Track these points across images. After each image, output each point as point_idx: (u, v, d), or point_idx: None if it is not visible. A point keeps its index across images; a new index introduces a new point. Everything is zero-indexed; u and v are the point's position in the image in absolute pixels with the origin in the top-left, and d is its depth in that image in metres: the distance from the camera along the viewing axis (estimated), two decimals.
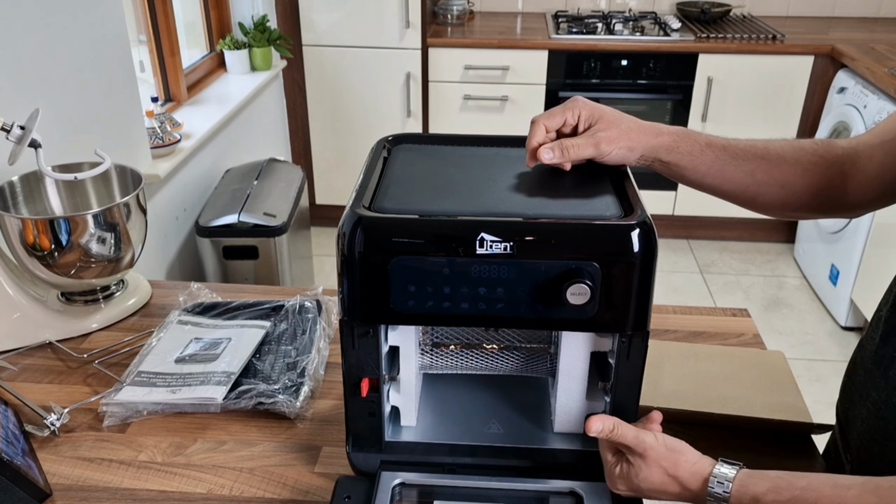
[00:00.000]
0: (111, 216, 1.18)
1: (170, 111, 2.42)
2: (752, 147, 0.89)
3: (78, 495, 0.90)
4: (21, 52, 1.53)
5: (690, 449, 0.75)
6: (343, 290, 0.75)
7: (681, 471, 0.73)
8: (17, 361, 1.14)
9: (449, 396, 0.95)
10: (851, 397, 0.85)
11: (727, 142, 0.90)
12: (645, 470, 0.75)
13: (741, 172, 0.89)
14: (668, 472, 0.74)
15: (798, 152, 0.89)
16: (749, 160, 0.89)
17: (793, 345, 2.76)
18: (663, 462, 0.74)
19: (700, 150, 0.88)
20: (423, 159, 0.89)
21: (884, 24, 3.44)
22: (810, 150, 0.89)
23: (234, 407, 1.02)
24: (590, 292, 0.71)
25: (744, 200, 0.93)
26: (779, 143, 0.90)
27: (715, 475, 0.71)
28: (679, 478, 0.73)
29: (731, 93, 3.12)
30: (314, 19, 3.14)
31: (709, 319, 1.22)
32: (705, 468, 0.72)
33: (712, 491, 0.70)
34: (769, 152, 0.89)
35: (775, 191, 0.90)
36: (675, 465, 0.74)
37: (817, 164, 0.88)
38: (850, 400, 0.86)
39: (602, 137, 0.84)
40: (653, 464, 0.74)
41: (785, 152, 0.89)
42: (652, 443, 0.75)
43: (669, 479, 0.74)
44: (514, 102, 3.22)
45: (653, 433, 0.76)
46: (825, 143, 0.89)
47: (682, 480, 0.73)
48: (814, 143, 0.89)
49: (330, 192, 3.48)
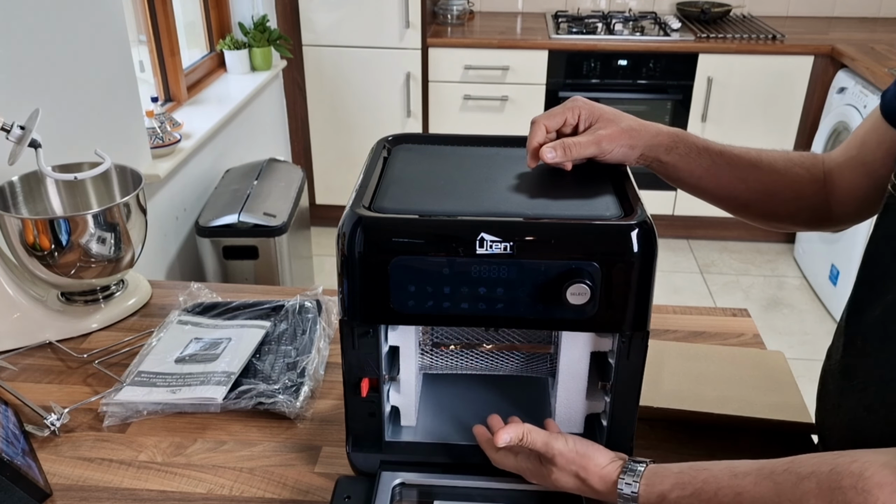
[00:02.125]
0: (111, 216, 1.18)
1: (170, 111, 2.42)
2: (745, 154, 0.91)
3: (78, 495, 0.90)
4: (21, 52, 1.53)
5: (602, 451, 0.77)
6: (343, 290, 0.75)
7: (590, 475, 0.75)
8: (17, 361, 1.14)
9: (449, 396, 0.95)
10: (826, 406, 0.86)
11: (722, 147, 0.91)
12: (556, 473, 0.77)
13: (734, 178, 0.90)
14: (579, 476, 0.76)
15: (787, 164, 0.91)
16: (742, 167, 0.90)
17: (793, 345, 2.76)
18: (572, 466, 0.76)
19: (697, 152, 0.89)
20: (423, 159, 0.89)
21: (884, 24, 3.44)
22: (798, 163, 0.91)
23: (234, 407, 1.02)
24: (590, 292, 0.71)
25: (735, 207, 0.94)
26: (771, 152, 0.91)
27: (622, 477, 0.73)
28: (588, 481, 0.75)
29: (730, 93, 3.12)
30: (314, 19, 3.14)
31: (709, 319, 1.22)
32: (613, 472, 0.74)
33: (622, 492, 0.72)
34: (761, 161, 0.90)
35: (765, 199, 0.91)
36: (584, 469, 0.75)
37: (803, 178, 0.90)
38: (825, 409, 0.86)
39: (603, 136, 0.84)
40: (563, 469, 0.76)
41: (776, 162, 0.90)
42: (561, 448, 0.76)
43: (580, 481, 0.76)
44: (514, 102, 3.22)
45: (563, 437, 0.78)
46: (811, 158, 0.91)
47: (591, 484, 0.75)
48: (801, 157, 0.91)
49: (330, 192, 3.48)
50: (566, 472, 0.76)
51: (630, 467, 0.73)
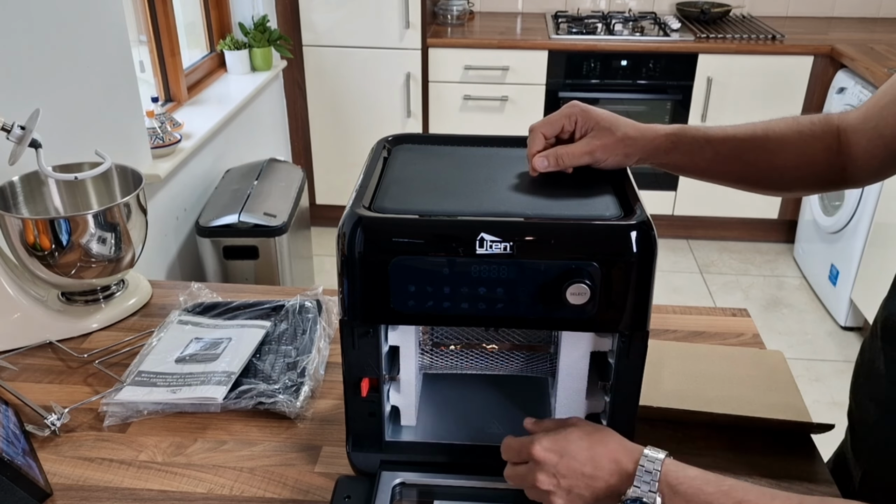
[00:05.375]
0: (111, 216, 1.18)
1: (170, 111, 2.42)
2: (751, 136, 0.89)
3: (78, 495, 0.90)
4: (22, 52, 1.53)
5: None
6: (343, 290, 0.75)
7: (612, 443, 0.71)
8: (17, 361, 1.14)
9: (449, 396, 0.95)
10: (859, 401, 0.86)
11: (725, 134, 0.89)
12: (574, 439, 0.72)
13: (742, 163, 0.89)
14: (599, 442, 0.71)
15: (798, 137, 0.88)
16: (750, 150, 0.88)
17: (792, 345, 2.77)
18: (591, 431, 0.73)
19: (699, 146, 0.88)
20: (423, 159, 0.89)
21: (883, 24, 3.45)
22: (809, 133, 0.88)
23: (235, 407, 1.02)
24: (589, 292, 0.71)
25: (745, 186, 0.93)
26: (779, 127, 0.89)
27: (646, 455, 0.70)
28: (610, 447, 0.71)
29: (730, 93, 3.12)
30: (314, 19, 3.15)
31: (708, 319, 1.22)
32: (636, 446, 0.71)
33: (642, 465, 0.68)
34: (769, 140, 0.88)
35: (776, 176, 0.89)
36: (603, 439, 0.72)
37: (815, 148, 0.88)
38: (858, 403, 0.86)
39: (597, 145, 0.84)
40: (580, 431, 0.73)
41: (785, 137, 0.88)
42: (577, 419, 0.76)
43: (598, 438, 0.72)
44: (514, 102, 3.22)
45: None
46: (823, 125, 0.88)
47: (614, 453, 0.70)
48: (813, 125, 0.89)
49: (330, 192, 3.48)
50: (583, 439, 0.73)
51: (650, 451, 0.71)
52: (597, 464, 0.70)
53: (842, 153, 0.87)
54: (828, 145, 0.88)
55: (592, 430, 0.74)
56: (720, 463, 0.92)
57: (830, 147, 0.88)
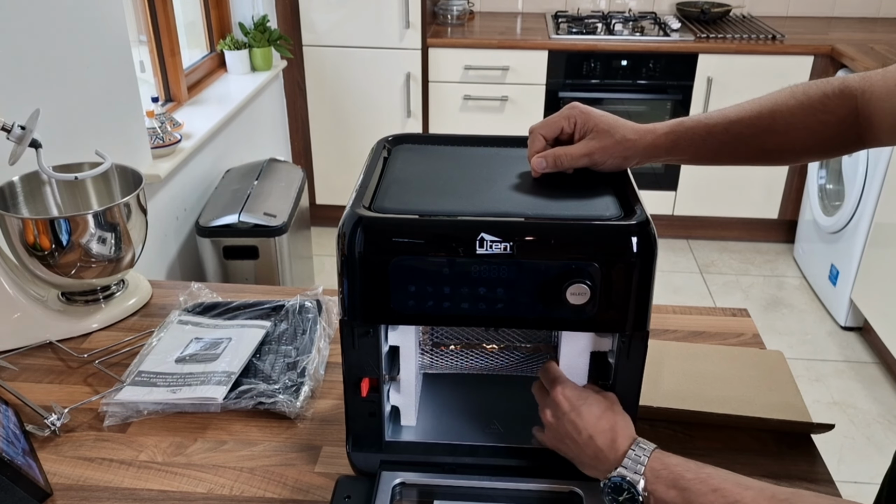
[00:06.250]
0: (111, 216, 1.18)
1: (170, 111, 2.42)
2: (757, 119, 0.86)
3: (78, 495, 0.90)
4: (22, 52, 1.53)
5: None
6: (343, 290, 0.75)
7: (619, 424, 0.76)
8: (17, 361, 1.14)
9: (449, 396, 0.95)
10: None
11: (728, 119, 0.87)
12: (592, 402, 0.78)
13: (748, 148, 0.87)
14: (610, 417, 0.77)
15: (808, 113, 0.85)
16: (756, 134, 0.86)
17: (792, 345, 2.76)
18: (610, 405, 0.78)
19: (701, 140, 0.87)
20: (423, 159, 0.89)
21: (883, 24, 3.45)
22: (820, 108, 0.85)
23: (235, 407, 1.02)
24: (589, 292, 0.71)
25: (754, 164, 0.92)
26: (788, 104, 0.86)
27: (638, 442, 0.75)
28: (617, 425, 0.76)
29: (730, 93, 3.12)
30: (314, 19, 3.15)
31: (708, 319, 1.22)
32: (635, 435, 0.76)
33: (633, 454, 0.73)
34: (776, 121, 0.85)
35: (787, 151, 0.88)
36: (614, 417, 0.77)
37: (829, 122, 0.84)
38: None
39: (596, 148, 0.84)
40: (601, 400, 0.78)
41: (795, 116, 0.85)
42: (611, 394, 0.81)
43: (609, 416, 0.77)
44: (514, 102, 3.22)
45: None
46: (838, 97, 0.84)
47: (615, 431, 0.76)
48: (826, 99, 0.85)
49: (330, 192, 3.48)
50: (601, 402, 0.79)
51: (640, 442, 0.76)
52: (597, 431, 0.76)
53: (859, 121, 0.84)
54: (842, 118, 0.84)
55: (611, 406, 0.79)
56: (720, 463, 0.92)
57: (845, 119, 0.84)
